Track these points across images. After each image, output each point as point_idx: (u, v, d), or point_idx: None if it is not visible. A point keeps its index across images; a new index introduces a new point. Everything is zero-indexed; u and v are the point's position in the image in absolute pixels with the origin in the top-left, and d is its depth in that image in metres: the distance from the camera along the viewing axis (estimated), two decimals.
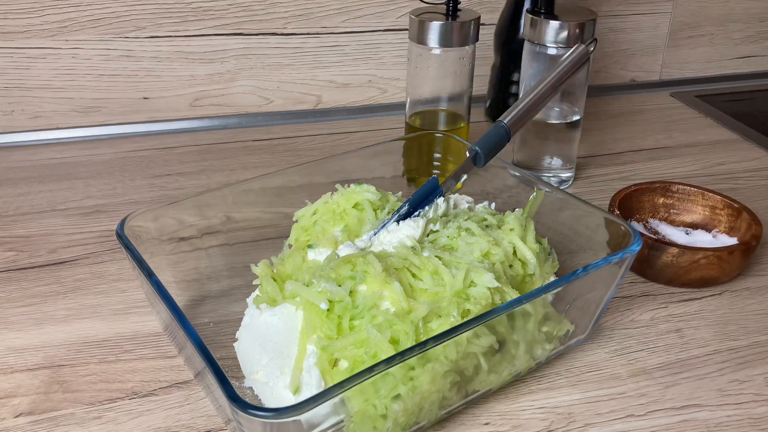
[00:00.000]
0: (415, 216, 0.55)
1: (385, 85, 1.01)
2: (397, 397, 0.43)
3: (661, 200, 0.72)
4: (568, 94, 0.77)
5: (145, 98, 0.93)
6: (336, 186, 0.58)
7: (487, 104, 0.99)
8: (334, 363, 0.45)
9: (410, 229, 0.53)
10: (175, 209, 0.56)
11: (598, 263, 0.49)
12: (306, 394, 0.44)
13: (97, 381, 0.53)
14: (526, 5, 0.89)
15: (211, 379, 0.40)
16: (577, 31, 0.72)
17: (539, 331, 0.50)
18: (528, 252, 0.53)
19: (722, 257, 0.61)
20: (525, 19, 0.75)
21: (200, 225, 0.58)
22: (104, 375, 0.53)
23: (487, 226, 0.55)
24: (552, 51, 0.74)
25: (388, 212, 0.56)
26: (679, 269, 0.62)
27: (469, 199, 0.60)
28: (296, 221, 0.58)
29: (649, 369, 0.55)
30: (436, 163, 0.71)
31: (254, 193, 0.60)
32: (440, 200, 0.56)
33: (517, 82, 0.92)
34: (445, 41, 0.74)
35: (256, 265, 0.53)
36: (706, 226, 0.70)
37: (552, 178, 0.81)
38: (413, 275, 0.48)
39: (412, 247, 0.51)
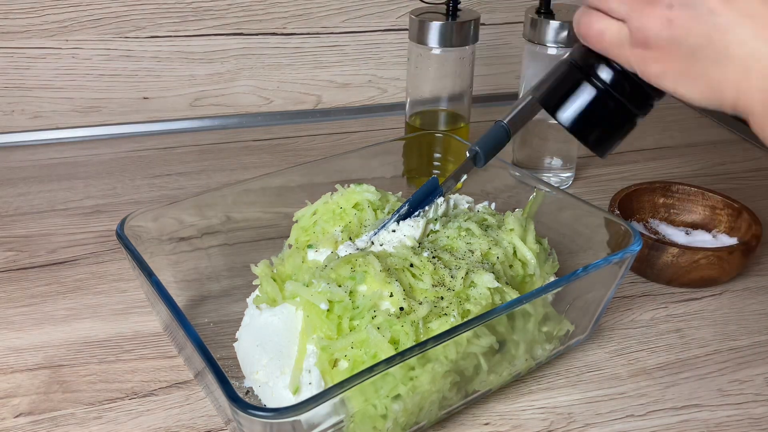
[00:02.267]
0: (415, 216, 0.55)
1: (385, 85, 1.01)
2: (397, 397, 0.43)
3: (661, 200, 0.72)
4: None
5: (145, 98, 0.93)
6: (336, 186, 0.58)
7: None
8: (334, 363, 0.45)
9: (410, 229, 0.53)
10: (175, 209, 0.56)
11: (598, 263, 0.49)
12: (306, 394, 0.44)
13: (97, 381, 0.53)
14: None
15: (211, 379, 0.40)
16: None
17: (539, 331, 0.50)
18: (528, 252, 0.53)
19: (722, 257, 0.61)
20: (525, 19, 0.75)
21: (200, 225, 0.58)
22: (104, 375, 0.53)
23: (487, 226, 0.55)
24: (552, 51, 0.74)
25: (388, 212, 0.56)
26: (679, 269, 0.62)
27: (469, 199, 0.60)
28: (296, 221, 0.58)
29: (649, 369, 0.55)
30: (436, 163, 0.71)
31: (254, 193, 0.60)
32: (440, 200, 0.56)
33: None
34: (445, 41, 0.74)
35: (256, 265, 0.53)
36: (707, 226, 0.70)
37: (552, 178, 0.81)
38: (413, 275, 0.48)
39: (412, 247, 0.51)
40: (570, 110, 0.45)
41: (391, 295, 0.45)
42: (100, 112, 0.92)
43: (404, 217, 0.54)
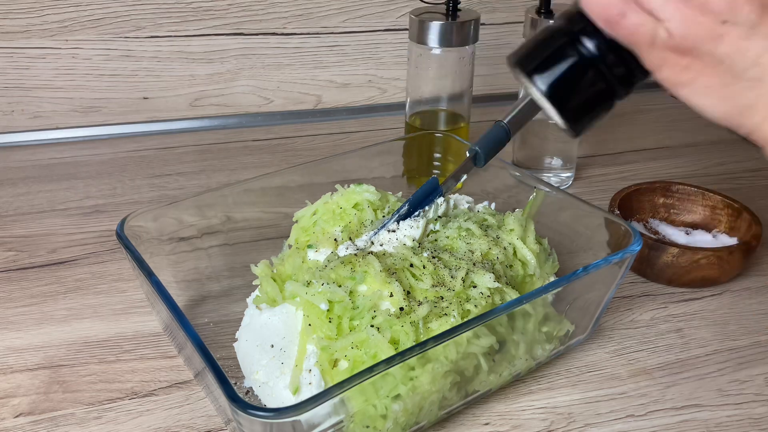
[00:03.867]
0: (415, 216, 0.55)
1: (385, 85, 1.01)
2: (397, 397, 0.43)
3: (661, 200, 0.72)
4: None
5: (145, 98, 0.93)
6: (336, 186, 0.58)
7: None
8: (334, 363, 0.45)
9: (410, 229, 0.53)
10: (175, 209, 0.56)
11: (598, 263, 0.49)
12: (306, 394, 0.44)
13: (97, 381, 0.53)
14: None
15: (211, 379, 0.40)
16: None
17: (539, 332, 0.50)
18: (528, 252, 0.53)
19: (722, 257, 0.61)
20: (525, 19, 0.75)
21: (200, 225, 0.58)
22: (104, 375, 0.53)
23: (487, 226, 0.55)
24: None
25: (388, 212, 0.56)
26: (679, 269, 0.62)
27: (469, 199, 0.60)
28: (296, 221, 0.58)
29: (649, 369, 0.55)
30: (436, 163, 0.71)
31: (254, 193, 0.60)
32: (440, 200, 0.56)
33: None
34: (445, 41, 0.74)
35: (256, 265, 0.53)
36: (707, 226, 0.70)
37: (552, 178, 0.81)
38: (413, 275, 0.48)
39: (411, 248, 0.51)
40: (549, 74, 0.41)
41: (391, 295, 0.45)
42: (100, 112, 0.92)
43: (404, 217, 0.54)
